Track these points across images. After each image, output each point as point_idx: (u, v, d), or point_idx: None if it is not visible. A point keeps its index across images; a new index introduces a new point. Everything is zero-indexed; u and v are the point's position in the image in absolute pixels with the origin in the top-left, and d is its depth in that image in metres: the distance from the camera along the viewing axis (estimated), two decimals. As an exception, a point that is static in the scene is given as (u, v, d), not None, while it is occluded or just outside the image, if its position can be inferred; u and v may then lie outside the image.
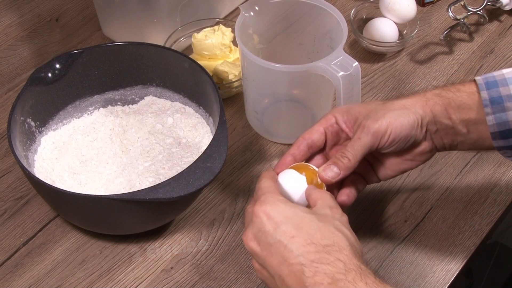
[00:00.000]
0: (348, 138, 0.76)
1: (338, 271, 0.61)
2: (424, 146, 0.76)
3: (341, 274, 0.60)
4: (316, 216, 0.65)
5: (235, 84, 0.99)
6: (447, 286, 0.82)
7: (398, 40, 1.07)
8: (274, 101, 0.96)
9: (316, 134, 0.76)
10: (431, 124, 0.74)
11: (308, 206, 0.71)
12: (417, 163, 0.77)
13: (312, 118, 0.97)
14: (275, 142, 0.96)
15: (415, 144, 0.75)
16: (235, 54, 1.02)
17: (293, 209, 0.65)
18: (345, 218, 0.68)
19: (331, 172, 0.72)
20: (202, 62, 0.93)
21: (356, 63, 0.82)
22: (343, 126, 0.75)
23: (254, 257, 0.66)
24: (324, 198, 0.69)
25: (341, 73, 0.81)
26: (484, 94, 0.72)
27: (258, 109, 0.95)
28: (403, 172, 0.78)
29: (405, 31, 1.09)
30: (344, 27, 0.87)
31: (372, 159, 0.78)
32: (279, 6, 0.93)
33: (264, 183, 0.70)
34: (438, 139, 0.75)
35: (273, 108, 0.96)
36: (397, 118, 0.72)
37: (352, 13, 1.08)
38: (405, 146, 0.74)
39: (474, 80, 0.74)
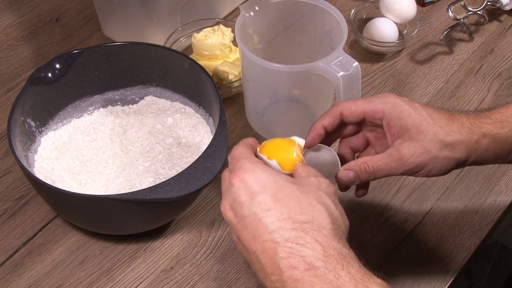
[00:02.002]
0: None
1: (316, 255, 0.55)
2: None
3: (319, 260, 0.55)
4: (298, 186, 0.60)
5: (235, 84, 0.99)
6: (447, 286, 0.82)
7: (398, 40, 1.07)
8: (274, 101, 0.96)
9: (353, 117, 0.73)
10: (471, 161, 0.73)
11: None
12: None
13: (312, 118, 0.97)
14: (275, 142, 0.96)
15: None
16: (235, 54, 1.02)
17: (273, 177, 0.60)
18: (331, 189, 0.62)
19: (347, 177, 0.71)
20: (202, 62, 0.93)
21: (356, 63, 0.82)
22: (385, 128, 0.72)
23: (231, 228, 0.62)
24: (309, 170, 0.64)
25: (341, 73, 0.81)
26: None
27: (258, 109, 0.95)
28: None
29: (405, 31, 1.09)
30: (344, 27, 0.87)
31: None
32: (279, 6, 0.93)
33: (240, 149, 0.64)
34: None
35: (273, 108, 0.96)
36: (437, 162, 0.70)
37: (352, 13, 1.08)
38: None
39: None
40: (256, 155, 0.67)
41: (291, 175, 0.66)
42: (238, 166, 0.61)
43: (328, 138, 0.74)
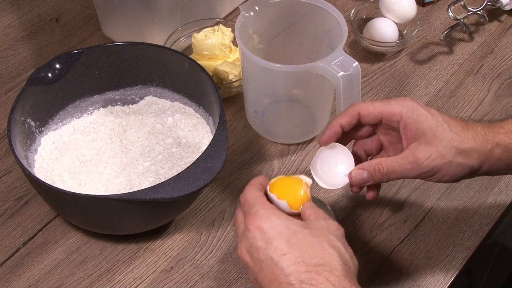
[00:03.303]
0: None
1: None
2: None
3: None
4: (310, 231, 0.63)
5: (235, 84, 0.99)
6: (447, 286, 0.82)
7: (398, 40, 1.07)
8: (274, 101, 0.96)
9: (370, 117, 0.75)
10: (484, 170, 0.74)
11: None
12: None
13: (312, 118, 0.97)
14: (275, 142, 0.96)
15: None
16: (235, 54, 1.02)
17: (286, 223, 0.64)
18: (340, 231, 0.66)
19: (361, 177, 0.73)
20: (202, 62, 0.93)
21: (356, 63, 0.82)
22: (402, 131, 0.73)
23: (248, 270, 0.65)
24: (317, 213, 0.67)
25: (341, 73, 0.81)
26: None
27: (258, 109, 0.95)
28: None
29: (405, 31, 1.09)
30: (344, 27, 0.87)
31: None
32: (279, 6, 0.92)
33: (252, 193, 0.68)
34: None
35: (273, 108, 0.96)
36: (451, 168, 0.71)
37: (352, 13, 1.08)
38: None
39: None
40: (266, 194, 0.70)
41: (299, 214, 0.68)
42: (253, 212, 0.65)
43: (343, 138, 0.76)
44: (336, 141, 0.75)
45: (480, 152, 0.72)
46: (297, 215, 0.68)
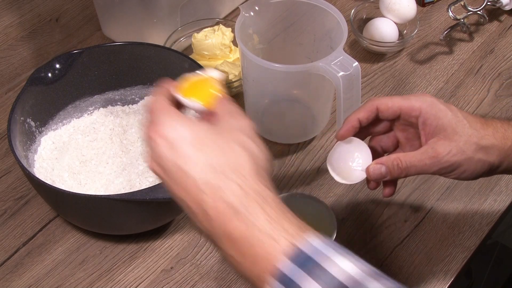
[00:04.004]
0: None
1: (239, 200, 0.56)
2: None
3: (242, 205, 0.56)
4: (218, 131, 0.60)
5: (235, 84, 0.99)
6: (447, 286, 0.82)
7: (398, 40, 1.07)
8: (274, 101, 0.96)
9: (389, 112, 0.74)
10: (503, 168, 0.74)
11: None
12: None
13: (312, 118, 0.97)
14: (275, 142, 0.96)
15: None
16: (235, 54, 1.02)
17: (190, 127, 0.59)
18: (250, 127, 0.62)
19: (379, 172, 0.72)
20: (202, 62, 0.93)
21: (356, 63, 0.82)
22: (420, 127, 0.73)
23: (163, 182, 0.61)
24: (229, 110, 0.63)
25: (341, 73, 0.81)
26: None
27: (258, 109, 0.95)
28: None
29: (405, 31, 1.09)
30: (344, 27, 0.87)
31: None
32: (279, 6, 0.92)
33: (155, 101, 0.62)
34: None
35: (273, 108, 0.96)
36: (471, 164, 0.71)
37: (352, 13, 1.08)
38: None
39: None
40: (176, 99, 0.65)
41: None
42: (154, 120, 0.60)
43: (360, 133, 0.75)
44: (353, 136, 0.75)
45: (500, 149, 0.71)
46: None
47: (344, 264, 0.52)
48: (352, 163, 0.75)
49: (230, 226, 0.56)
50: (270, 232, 0.55)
